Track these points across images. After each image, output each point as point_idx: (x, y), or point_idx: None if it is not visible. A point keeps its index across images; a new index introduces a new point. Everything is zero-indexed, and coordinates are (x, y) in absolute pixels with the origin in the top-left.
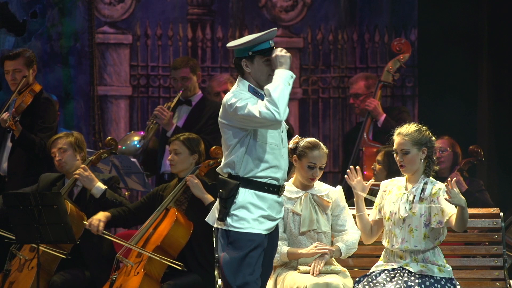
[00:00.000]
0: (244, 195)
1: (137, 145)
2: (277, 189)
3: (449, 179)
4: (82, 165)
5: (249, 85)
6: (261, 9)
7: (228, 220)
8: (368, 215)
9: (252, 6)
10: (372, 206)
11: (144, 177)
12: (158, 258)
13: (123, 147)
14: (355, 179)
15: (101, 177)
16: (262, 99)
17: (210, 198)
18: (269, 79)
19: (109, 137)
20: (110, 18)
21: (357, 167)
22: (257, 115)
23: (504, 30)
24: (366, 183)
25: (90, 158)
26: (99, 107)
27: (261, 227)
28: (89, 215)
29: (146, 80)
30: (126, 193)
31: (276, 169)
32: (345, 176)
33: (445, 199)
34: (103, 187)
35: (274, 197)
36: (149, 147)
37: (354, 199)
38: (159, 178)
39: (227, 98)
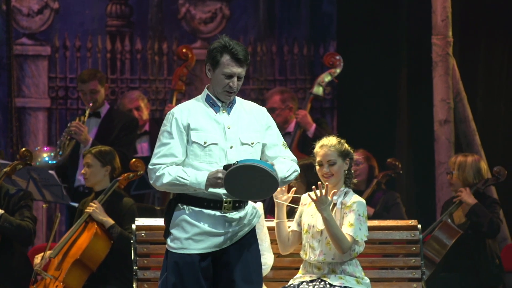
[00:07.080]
0: (180, 211)
1: (49, 161)
2: (219, 205)
3: (319, 183)
4: None
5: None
6: (180, 21)
7: (168, 239)
8: (289, 227)
9: (171, 18)
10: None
11: (62, 190)
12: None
13: (37, 163)
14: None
15: (12, 191)
16: (217, 111)
17: (110, 221)
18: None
19: (23, 148)
20: (28, 29)
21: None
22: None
23: (423, 42)
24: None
25: (4, 170)
26: (17, 119)
27: (197, 246)
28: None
29: (65, 92)
30: (44, 205)
31: None
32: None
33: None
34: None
35: (216, 212)
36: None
37: (276, 206)
38: (74, 191)
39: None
